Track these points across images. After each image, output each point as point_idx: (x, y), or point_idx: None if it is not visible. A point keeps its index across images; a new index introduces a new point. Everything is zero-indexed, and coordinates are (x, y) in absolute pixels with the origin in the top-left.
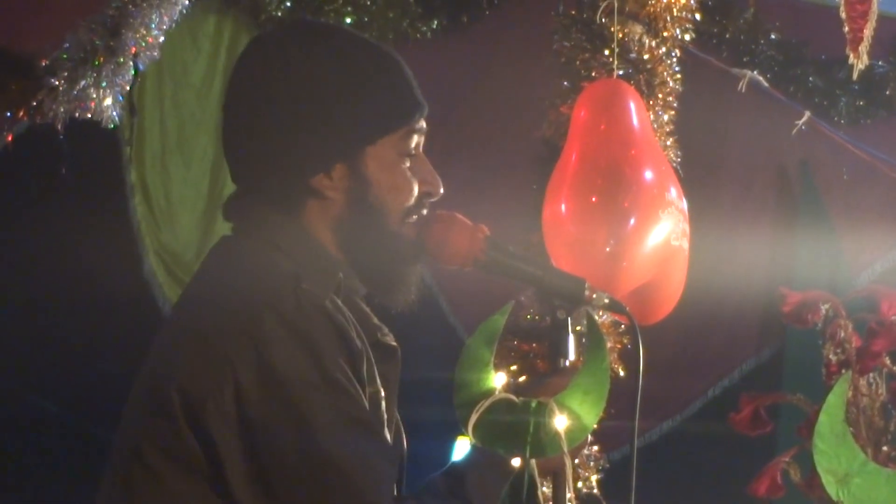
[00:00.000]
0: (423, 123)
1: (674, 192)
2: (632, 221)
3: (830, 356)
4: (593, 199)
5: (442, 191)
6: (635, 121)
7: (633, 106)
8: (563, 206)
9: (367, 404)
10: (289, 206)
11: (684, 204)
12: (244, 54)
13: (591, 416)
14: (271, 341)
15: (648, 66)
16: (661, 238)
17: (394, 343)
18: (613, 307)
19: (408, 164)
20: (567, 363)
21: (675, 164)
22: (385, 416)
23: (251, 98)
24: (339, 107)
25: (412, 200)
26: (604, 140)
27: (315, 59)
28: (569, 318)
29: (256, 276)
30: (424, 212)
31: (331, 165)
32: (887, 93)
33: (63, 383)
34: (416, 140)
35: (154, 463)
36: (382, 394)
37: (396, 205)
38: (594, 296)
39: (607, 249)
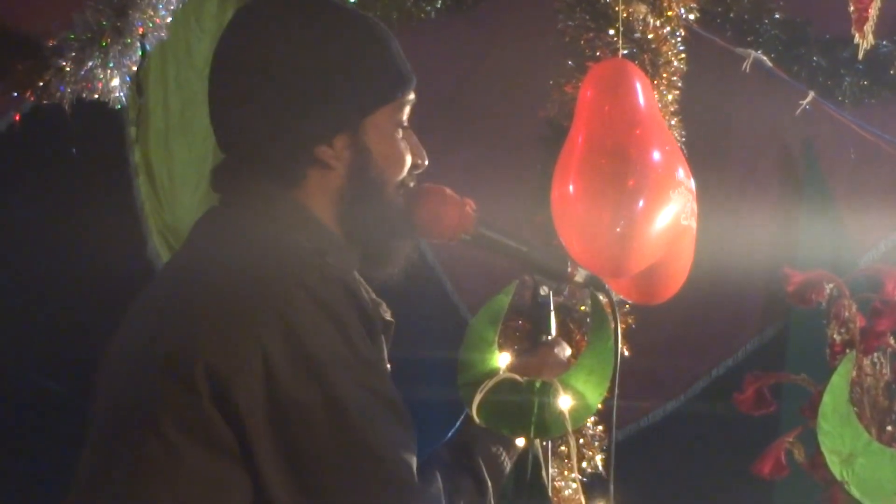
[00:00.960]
0: (412, 95)
1: (682, 172)
2: (641, 202)
3: (834, 336)
4: (601, 180)
5: (427, 161)
6: (641, 101)
7: (639, 86)
8: (570, 188)
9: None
10: (290, 177)
11: (692, 183)
12: (236, 22)
13: (595, 396)
14: (301, 317)
15: (653, 46)
16: (671, 218)
17: (391, 318)
18: (594, 284)
19: (401, 135)
20: (549, 339)
21: (679, 144)
22: None
23: (248, 66)
24: (339, 76)
25: (405, 171)
26: (610, 120)
27: (314, 27)
28: (551, 294)
29: (281, 251)
30: (412, 184)
31: (334, 135)
32: (892, 72)
33: (67, 363)
34: (407, 111)
35: (173, 436)
36: (388, 368)
37: (393, 175)
38: (577, 272)
39: (617, 230)
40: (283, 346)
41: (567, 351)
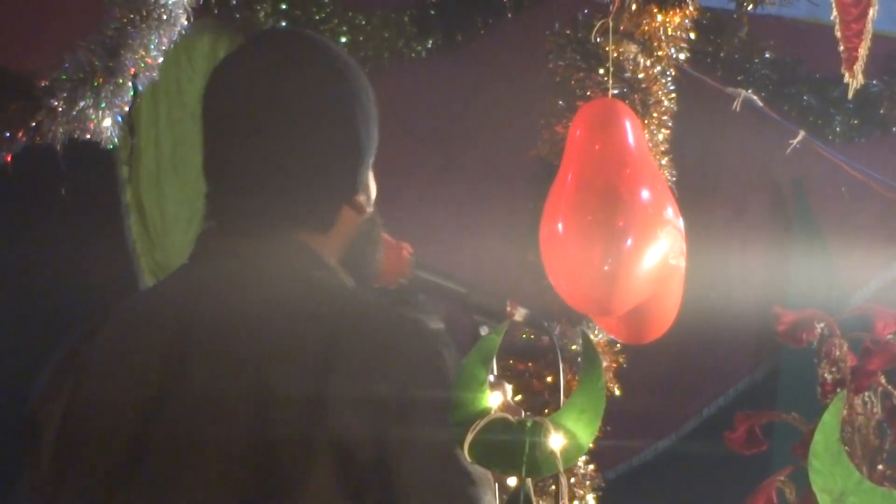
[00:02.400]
0: None
1: (670, 211)
2: (629, 241)
3: (825, 375)
4: (589, 218)
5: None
6: (631, 140)
7: (628, 125)
8: (559, 226)
9: None
10: (322, 225)
11: (681, 223)
12: (232, 71)
13: (586, 435)
14: (448, 371)
15: (643, 86)
16: (659, 257)
17: None
18: (533, 322)
19: None
20: (491, 378)
21: (670, 183)
22: None
23: (292, 111)
24: (361, 124)
25: None
26: (599, 159)
27: (345, 74)
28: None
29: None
30: None
31: (366, 179)
32: (881, 112)
33: None
34: None
35: (327, 479)
36: None
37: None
38: (516, 311)
39: (605, 268)
40: (429, 400)
41: (506, 394)
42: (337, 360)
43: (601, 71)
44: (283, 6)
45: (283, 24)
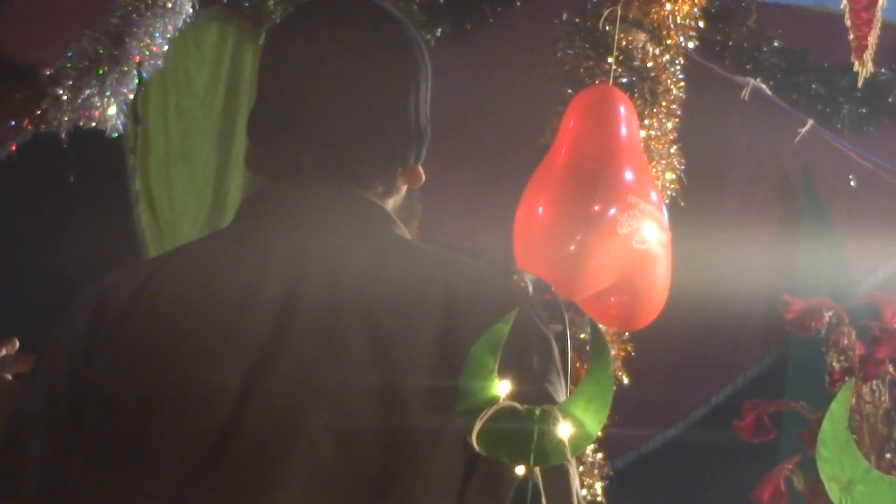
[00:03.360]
0: None
1: (652, 197)
2: (596, 223)
3: (834, 363)
4: (565, 202)
5: None
6: (622, 126)
7: (622, 111)
8: (538, 208)
9: None
10: (388, 191)
11: (664, 212)
12: (308, 25)
13: (595, 424)
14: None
15: (652, 74)
16: (625, 242)
17: None
18: (540, 287)
19: None
20: None
21: (678, 172)
22: None
23: (355, 75)
24: (425, 96)
25: None
26: (585, 145)
27: (406, 47)
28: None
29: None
30: None
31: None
32: (890, 100)
33: None
34: None
35: (452, 463)
36: None
37: None
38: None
39: (571, 248)
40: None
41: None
42: (462, 329)
43: (610, 59)
44: None
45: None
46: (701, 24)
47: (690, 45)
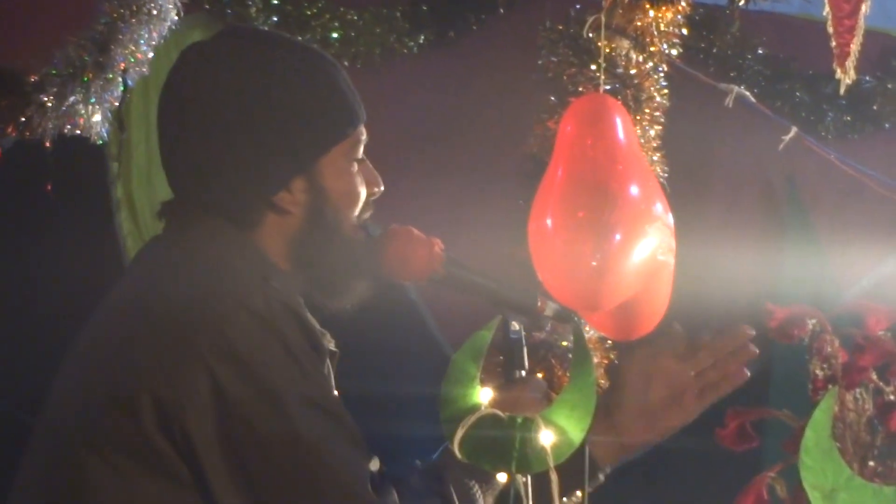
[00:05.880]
0: (364, 130)
1: (660, 207)
2: (617, 236)
3: (817, 371)
4: (579, 214)
5: (382, 186)
6: (622, 136)
7: (619, 121)
8: (549, 221)
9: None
10: (246, 221)
11: (670, 219)
12: (188, 59)
13: (577, 431)
14: (245, 337)
15: (636, 81)
16: (647, 253)
17: (335, 349)
18: (563, 317)
19: (356, 169)
20: (522, 375)
21: (661, 179)
22: None
23: (202, 109)
24: (294, 119)
25: (361, 206)
26: (590, 155)
27: (267, 68)
28: (522, 330)
29: (221, 275)
30: (369, 213)
31: (291, 179)
32: (874, 108)
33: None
34: (361, 146)
35: (118, 461)
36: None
37: (350, 211)
38: (546, 307)
39: (593, 264)
40: (229, 368)
41: (542, 389)
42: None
43: (593, 67)
44: (275, 1)
45: (275, 19)
46: (685, 31)
47: (674, 52)
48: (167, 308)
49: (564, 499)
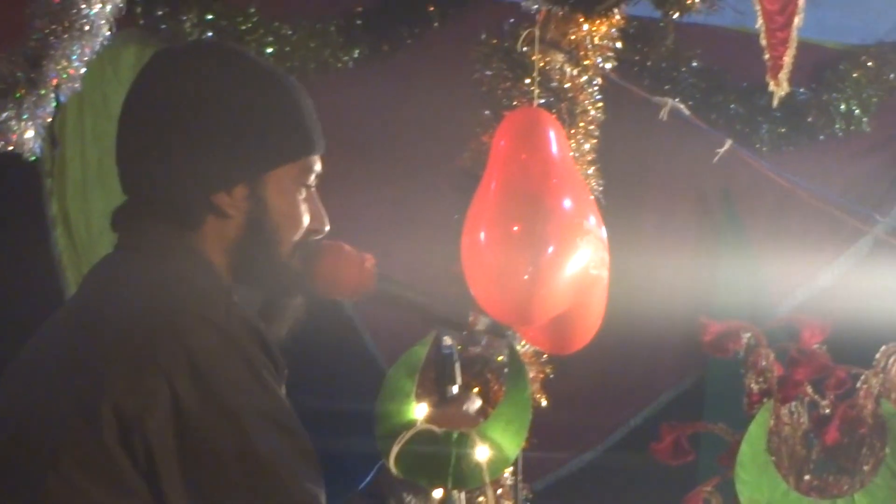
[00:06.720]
0: (320, 164)
1: (593, 221)
2: (550, 250)
3: (752, 385)
4: (513, 227)
5: (327, 229)
6: (555, 149)
7: (553, 134)
8: (482, 235)
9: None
10: (187, 221)
11: (604, 232)
12: (149, 67)
13: (513, 447)
14: (207, 350)
15: (570, 95)
16: (580, 266)
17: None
18: (496, 331)
19: (303, 196)
20: (455, 391)
21: (596, 193)
22: None
23: (158, 111)
24: (247, 128)
25: (301, 234)
26: (523, 169)
27: (225, 78)
28: (454, 345)
29: (184, 288)
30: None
31: (233, 184)
32: (809, 120)
33: None
34: (313, 176)
35: (76, 477)
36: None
37: (290, 234)
38: (478, 321)
39: (525, 277)
40: (189, 381)
41: (476, 404)
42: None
43: (527, 80)
44: (209, 16)
45: (210, 34)
46: (619, 44)
47: (608, 65)
48: (129, 319)
49: None
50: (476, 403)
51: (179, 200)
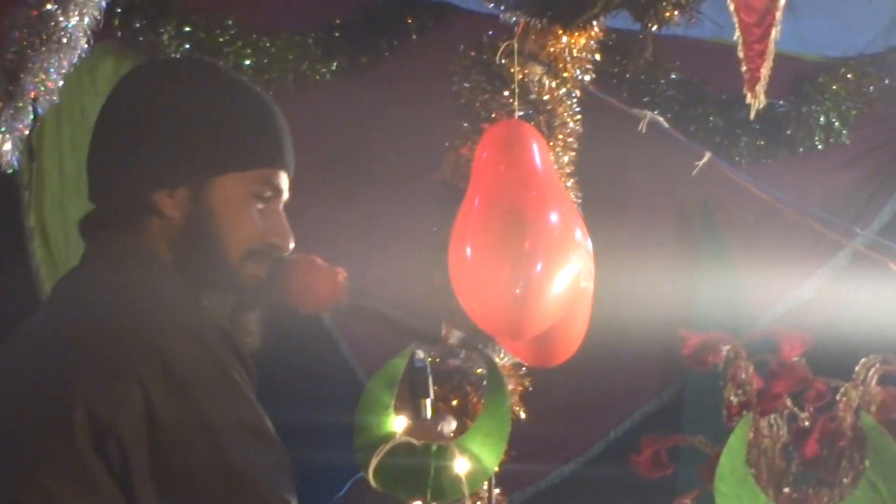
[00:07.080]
0: (281, 180)
1: (580, 233)
2: (539, 264)
3: (731, 397)
4: (499, 241)
5: (292, 246)
6: (538, 162)
7: (535, 147)
8: (468, 250)
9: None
10: (130, 221)
11: (590, 244)
12: (121, 80)
13: (492, 459)
14: (178, 354)
15: (549, 107)
16: (570, 279)
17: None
18: (469, 345)
19: (259, 207)
20: (429, 402)
21: (576, 206)
22: None
23: (116, 119)
24: (193, 133)
25: (254, 243)
26: (506, 182)
27: (187, 87)
28: (427, 358)
29: (155, 295)
30: (263, 266)
31: (174, 184)
32: (788, 132)
33: None
34: (270, 190)
35: (50, 484)
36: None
37: (236, 241)
38: (451, 335)
39: (516, 292)
40: (163, 388)
41: (451, 425)
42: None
43: (506, 93)
44: (187, 29)
45: (187, 46)
46: (597, 56)
47: (587, 77)
48: (100, 324)
49: None
50: (452, 424)
51: (119, 199)
